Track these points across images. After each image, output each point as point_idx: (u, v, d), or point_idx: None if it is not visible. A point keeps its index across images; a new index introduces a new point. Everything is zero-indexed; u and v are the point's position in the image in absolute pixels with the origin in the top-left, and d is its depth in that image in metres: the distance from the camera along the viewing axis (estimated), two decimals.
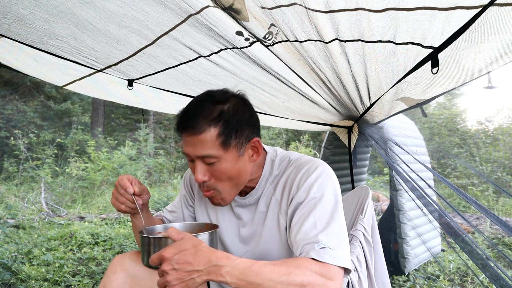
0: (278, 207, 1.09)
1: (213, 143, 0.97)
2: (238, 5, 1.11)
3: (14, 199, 5.93)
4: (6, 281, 2.65)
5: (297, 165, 1.09)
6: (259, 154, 1.08)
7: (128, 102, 2.94)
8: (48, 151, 8.34)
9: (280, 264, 0.87)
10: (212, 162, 0.99)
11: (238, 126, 1.00)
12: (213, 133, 0.97)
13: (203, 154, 0.98)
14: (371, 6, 0.98)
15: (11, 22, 1.46)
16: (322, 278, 0.86)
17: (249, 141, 1.04)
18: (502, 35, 1.04)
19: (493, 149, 8.36)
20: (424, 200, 1.88)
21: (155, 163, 9.41)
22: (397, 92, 1.65)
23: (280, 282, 0.83)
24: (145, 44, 1.55)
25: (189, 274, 0.80)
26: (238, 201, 1.17)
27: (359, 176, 3.57)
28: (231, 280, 0.82)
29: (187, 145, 1.00)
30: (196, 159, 1.00)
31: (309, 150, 8.98)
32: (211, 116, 0.97)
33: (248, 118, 1.04)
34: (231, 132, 0.99)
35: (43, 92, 10.98)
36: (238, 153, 1.02)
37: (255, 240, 1.13)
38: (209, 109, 0.98)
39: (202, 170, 1.01)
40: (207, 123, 0.97)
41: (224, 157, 0.99)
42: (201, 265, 0.81)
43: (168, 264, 0.80)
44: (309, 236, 0.94)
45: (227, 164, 1.00)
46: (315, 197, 1.01)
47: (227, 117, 0.98)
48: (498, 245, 3.95)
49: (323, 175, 1.05)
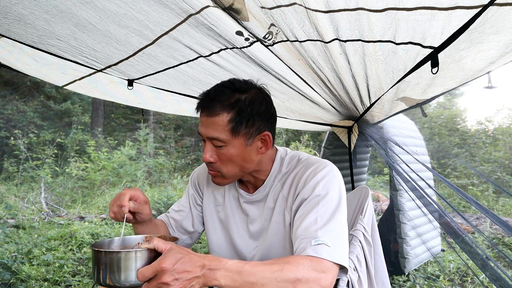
0: (284, 203, 1.12)
1: (223, 127, 1.02)
2: (238, 5, 1.11)
3: (14, 199, 5.93)
4: (6, 281, 2.65)
5: (306, 164, 1.12)
6: (268, 148, 1.11)
7: (128, 102, 2.94)
8: (48, 151, 8.34)
9: (271, 263, 0.88)
10: (220, 145, 1.04)
11: (251, 116, 1.04)
12: (225, 118, 1.02)
13: (213, 136, 1.03)
14: (371, 6, 0.98)
15: (11, 22, 1.46)
16: (315, 271, 0.88)
17: (260, 133, 1.07)
18: (502, 35, 1.04)
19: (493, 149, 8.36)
20: (424, 200, 1.88)
21: (155, 163, 9.41)
22: (397, 92, 1.65)
23: (274, 278, 0.84)
24: (145, 44, 1.55)
25: (189, 282, 0.80)
26: (246, 197, 1.19)
27: (359, 176, 3.57)
28: (225, 282, 0.83)
29: (201, 125, 1.06)
30: (207, 139, 1.06)
31: (309, 150, 8.97)
32: (227, 102, 1.02)
33: (263, 111, 1.08)
34: (242, 121, 1.03)
35: (43, 92, 10.98)
36: (246, 142, 1.05)
37: (263, 235, 1.15)
38: (227, 95, 1.04)
39: (210, 151, 1.06)
40: (222, 107, 1.02)
41: (232, 143, 1.04)
42: (198, 271, 0.81)
43: (169, 275, 0.78)
44: (308, 231, 0.96)
45: (233, 150, 1.05)
46: (319, 194, 1.03)
47: (242, 105, 1.03)
48: (498, 245, 3.96)
49: (330, 175, 1.07)
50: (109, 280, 0.82)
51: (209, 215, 1.28)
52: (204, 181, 1.31)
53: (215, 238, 1.25)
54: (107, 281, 0.82)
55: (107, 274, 0.82)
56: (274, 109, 1.14)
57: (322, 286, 0.88)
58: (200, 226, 1.31)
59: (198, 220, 1.31)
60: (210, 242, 1.27)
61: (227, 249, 1.23)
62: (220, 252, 1.24)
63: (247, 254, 1.19)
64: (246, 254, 1.19)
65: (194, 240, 1.33)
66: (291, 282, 0.85)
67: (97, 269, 0.84)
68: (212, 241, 1.26)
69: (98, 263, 0.84)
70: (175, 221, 1.30)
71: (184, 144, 12.33)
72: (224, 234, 1.24)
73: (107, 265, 0.82)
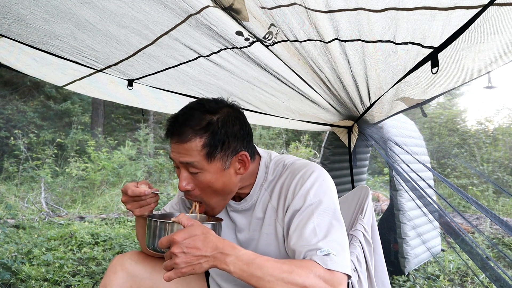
0: (275, 214, 1.09)
1: (197, 153, 0.97)
2: (238, 5, 1.11)
3: (14, 199, 5.93)
4: (6, 281, 2.65)
5: (292, 170, 1.08)
6: (246, 168, 1.06)
7: (128, 102, 2.94)
8: (48, 151, 8.33)
9: (283, 262, 0.87)
10: (196, 172, 0.99)
11: (225, 138, 0.99)
12: (198, 144, 0.97)
13: (187, 161, 0.98)
14: (371, 6, 0.98)
15: (11, 22, 1.46)
16: (325, 284, 0.85)
17: (236, 154, 1.02)
18: (502, 35, 1.04)
19: (493, 149, 8.36)
20: (424, 200, 1.88)
21: (155, 163, 9.40)
22: (397, 92, 1.65)
23: (281, 279, 0.84)
24: (145, 44, 1.55)
25: (197, 258, 0.84)
26: (233, 206, 1.16)
27: (359, 176, 3.57)
28: (233, 270, 0.84)
29: (173, 151, 1.01)
30: (181, 165, 1.01)
31: (309, 150, 8.97)
32: (198, 126, 0.97)
33: (238, 131, 1.02)
34: (217, 144, 0.98)
35: (43, 92, 10.98)
36: (223, 166, 1.00)
37: (252, 245, 1.13)
38: (198, 118, 0.98)
39: (186, 178, 1.01)
40: (193, 132, 0.97)
41: (208, 169, 0.99)
42: (208, 251, 0.84)
43: (178, 247, 0.83)
44: (310, 244, 0.92)
45: (210, 176, 0.99)
46: (312, 203, 0.99)
47: (214, 128, 0.98)
48: (498, 245, 3.96)
49: (319, 180, 1.03)
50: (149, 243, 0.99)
51: None
52: None
53: None
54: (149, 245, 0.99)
55: (149, 239, 0.99)
56: (249, 125, 1.09)
57: None
58: None
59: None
60: None
61: None
62: None
63: None
64: None
65: None
66: (297, 287, 0.83)
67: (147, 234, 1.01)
68: None
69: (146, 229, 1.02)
70: None
71: None
72: None
73: (148, 231, 0.99)
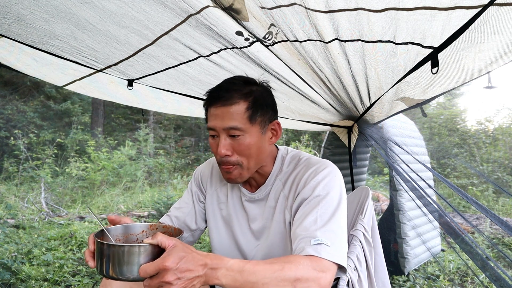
0: (285, 202, 1.13)
1: (241, 115, 1.03)
2: (238, 5, 1.12)
3: (14, 199, 5.93)
4: (6, 281, 2.65)
5: (306, 164, 1.14)
6: (277, 137, 1.14)
7: (128, 102, 2.94)
8: (48, 151, 8.33)
9: (272, 262, 0.89)
10: (237, 135, 1.04)
11: (264, 105, 1.08)
12: (242, 107, 1.04)
13: (231, 125, 1.03)
14: (371, 6, 0.98)
15: (11, 22, 1.46)
16: (314, 270, 0.89)
17: (271, 122, 1.11)
18: (502, 35, 1.04)
19: (493, 149, 8.36)
20: (424, 200, 1.88)
21: (155, 163, 9.41)
22: (397, 92, 1.65)
23: (275, 277, 0.85)
24: (145, 44, 1.55)
25: (191, 281, 0.79)
26: (248, 196, 1.20)
27: (359, 176, 3.57)
28: (226, 282, 0.82)
29: (215, 118, 1.05)
30: (222, 132, 1.05)
31: (309, 150, 8.97)
32: (243, 91, 1.06)
33: (272, 102, 1.14)
34: (258, 109, 1.06)
35: (43, 92, 10.97)
36: (261, 130, 1.08)
37: (265, 234, 1.16)
38: (242, 85, 1.07)
39: (226, 144, 1.05)
40: (239, 96, 1.04)
41: (249, 131, 1.05)
42: (200, 270, 0.80)
43: (172, 275, 0.76)
44: (308, 231, 0.96)
45: (250, 139, 1.05)
46: (319, 194, 1.04)
47: (256, 94, 1.07)
48: (498, 245, 3.96)
49: (331, 175, 1.08)
50: (112, 272, 0.82)
51: (212, 212, 1.28)
52: (208, 179, 1.32)
53: (217, 236, 1.26)
54: (110, 273, 0.82)
55: (110, 266, 0.81)
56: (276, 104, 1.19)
57: (321, 285, 0.89)
58: (202, 223, 1.32)
59: (201, 217, 1.31)
60: (212, 240, 1.27)
61: (230, 247, 1.23)
62: (222, 250, 1.24)
63: (249, 252, 1.19)
64: (247, 252, 1.20)
65: (196, 238, 1.33)
66: (291, 281, 0.86)
67: (100, 260, 0.83)
68: (214, 239, 1.27)
69: (101, 255, 0.83)
70: (178, 219, 1.30)
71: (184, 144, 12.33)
72: (227, 232, 1.24)
73: (110, 258, 0.81)
